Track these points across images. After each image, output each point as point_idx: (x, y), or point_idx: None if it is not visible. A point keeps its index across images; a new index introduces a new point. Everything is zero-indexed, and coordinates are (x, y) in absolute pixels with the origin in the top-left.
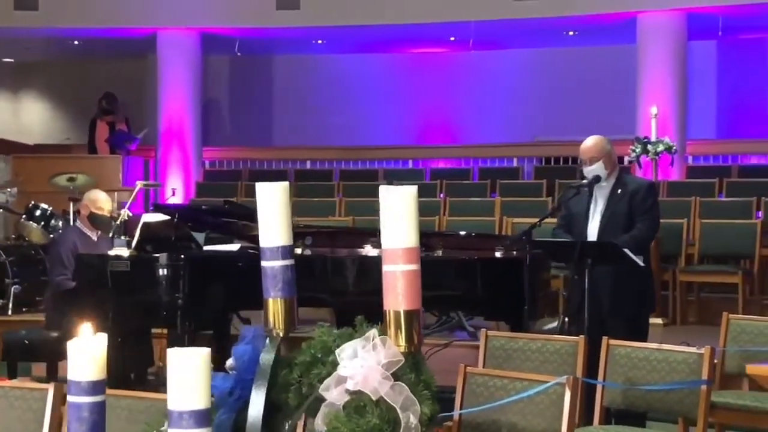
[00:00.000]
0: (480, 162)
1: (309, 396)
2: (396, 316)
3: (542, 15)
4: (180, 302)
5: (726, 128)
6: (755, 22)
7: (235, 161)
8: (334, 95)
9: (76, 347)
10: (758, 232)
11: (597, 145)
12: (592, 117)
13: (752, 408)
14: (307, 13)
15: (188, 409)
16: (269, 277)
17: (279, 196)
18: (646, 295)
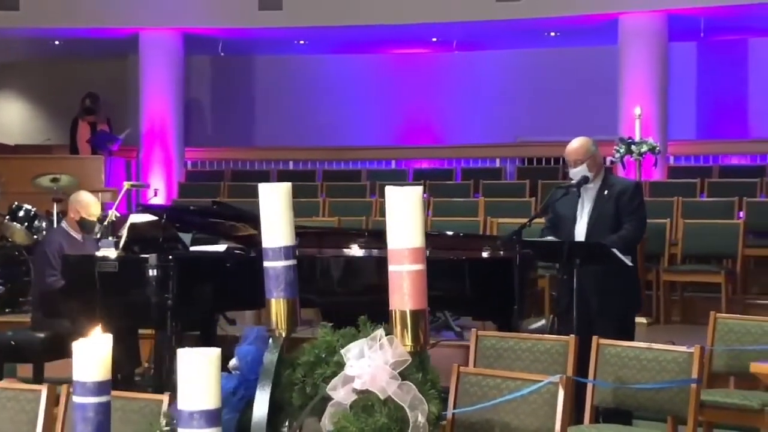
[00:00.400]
0: (463, 162)
1: (313, 396)
2: (402, 316)
3: (525, 16)
4: (169, 303)
5: (706, 129)
6: (734, 23)
7: (218, 162)
8: (316, 96)
9: (81, 348)
10: (741, 232)
11: (582, 147)
12: (573, 117)
13: (741, 406)
14: (290, 14)
15: (198, 409)
16: (272, 278)
17: (281, 197)
18: (633, 294)
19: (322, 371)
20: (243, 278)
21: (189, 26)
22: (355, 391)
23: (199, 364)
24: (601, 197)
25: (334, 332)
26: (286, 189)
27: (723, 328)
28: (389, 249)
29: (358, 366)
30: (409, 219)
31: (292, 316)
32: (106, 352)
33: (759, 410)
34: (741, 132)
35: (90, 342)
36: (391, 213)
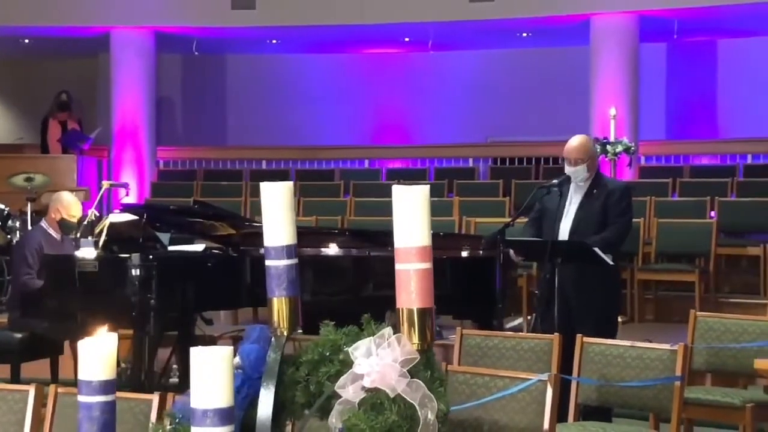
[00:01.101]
0: (436, 162)
1: (317, 394)
2: (409, 314)
3: (497, 17)
4: (153, 303)
5: (675, 129)
6: (704, 24)
7: (190, 161)
8: (288, 95)
9: (86, 347)
10: (714, 231)
11: (584, 147)
12: (545, 118)
13: (723, 403)
14: (263, 13)
15: (212, 407)
16: (274, 277)
17: (283, 196)
18: (614, 294)
19: (327, 369)
20: (224, 278)
21: (161, 25)
22: (364, 389)
23: (213, 363)
24: (590, 196)
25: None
26: (288, 188)
27: (703, 327)
28: (396, 247)
29: (366, 364)
30: (416, 217)
31: (294, 315)
32: (111, 350)
33: (740, 407)
34: (710, 132)
35: (95, 341)
36: (398, 212)
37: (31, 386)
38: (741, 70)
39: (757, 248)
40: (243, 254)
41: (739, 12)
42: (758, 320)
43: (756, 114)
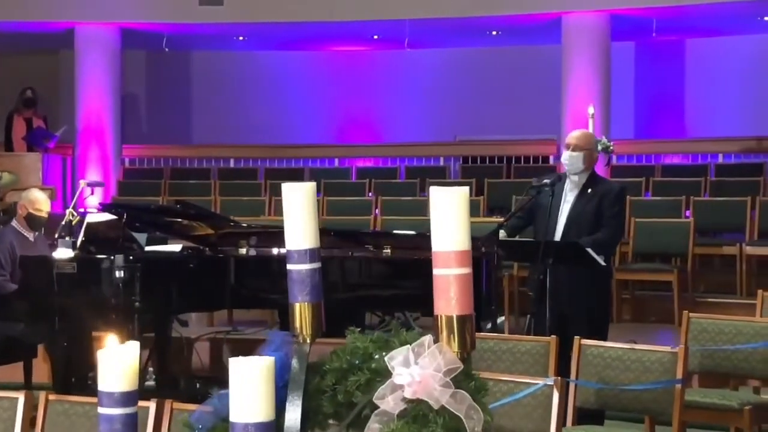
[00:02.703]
0: (407, 161)
1: (345, 403)
2: (448, 321)
3: (468, 14)
4: (137, 305)
5: (644, 128)
6: (672, 24)
7: (156, 159)
8: (256, 93)
9: (106, 357)
10: (691, 231)
11: (586, 137)
12: (514, 116)
13: (720, 406)
14: (231, 10)
15: (253, 421)
16: (296, 282)
17: (305, 198)
18: (606, 294)
19: (357, 379)
20: (207, 279)
21: (127, 21)
22: (405, 400)
23: (253, 374)
24: (584, 195)
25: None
26: (311, 189)
27: (696, 328)
28: (434, 251)
29: (407, 374)
30: (455, 220)
31: (317, 321)
32: (132, 360)
33: (738, 410)
34: (678, 131)
35: (115, 350)
36: (435, 214)
37: (21, 393)
38: (708, 70)
39: (733, 248)
40: (226, 255)
41: (707, 12)
42: (752, 321)
43: (723, 113)
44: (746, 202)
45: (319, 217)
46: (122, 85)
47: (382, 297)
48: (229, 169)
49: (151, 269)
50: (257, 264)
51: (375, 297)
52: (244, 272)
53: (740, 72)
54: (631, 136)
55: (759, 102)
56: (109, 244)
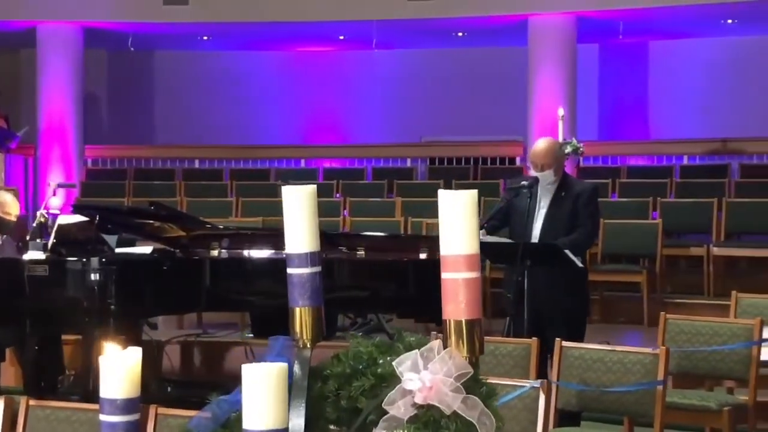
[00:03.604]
0: (373, 162)
1: (348, 408)
2: (457, 326)
3: (434, 16)
4: (113, 308)
5: (608, 130)
6: (636, 26)
7: (119, 160)
8: (220, 93)
9: (108, 363)
10: (659, 232)
11: (550, 151)
12: (480, 118)
13: (699, 407)
14: (196, 9)
15: (266, 428)
16: (296, 285)
17: (306, 201)
18: (584, 295)
19: (361, 384)
20: (183, 281)
21: (90, 20)
22: (415, 405)
23: (266, 380)
24: (557, 198)
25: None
26: (312, 192)
27: (674, 329)
28: (442, 255)
29: (418, 379)
30: (463, 224)
31: (318, 326)
32: (134, 367)
33: (717, 411)
34: (642, 133)
35: (117, 357)
36: (444, 218)
37: (1, 398)
38: (672, 72)
39: (700, 249)
40: (202, 257)
41: (671, 14)
42: (729, 323)
43: (686, 115)
44: (712, 203)
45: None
46: (84, 85)
47: (355, 299)
48: (193, 169)
49: (127, 272)
50: (233, 266)
51: (348, 299)
52: (219, 274)
53: (704, 74)
54: (595, 137)
55: (723, 104)
56: (79, 246)
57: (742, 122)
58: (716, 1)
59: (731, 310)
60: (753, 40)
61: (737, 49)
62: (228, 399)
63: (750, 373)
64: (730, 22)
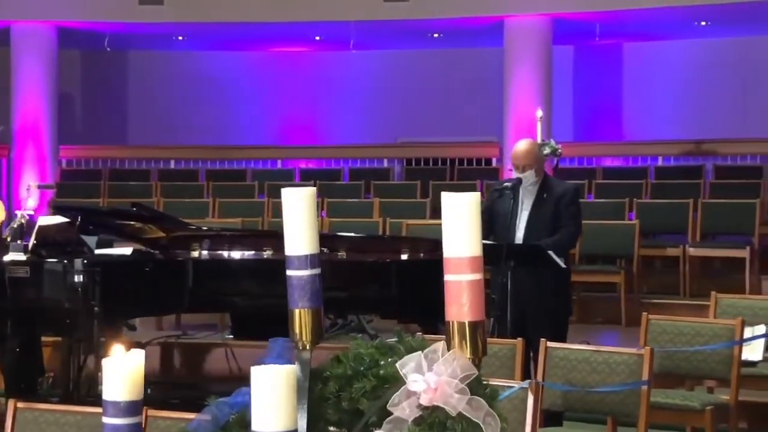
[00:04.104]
0: (350, 162)
1: (349, 410)
2: (460, 328)
3: (410, 17)
4: (96, 309)
5: (583, 131)
6: (610, 28)
7: (94, 160)
8: (196, 93)
9: (111, 366)
10: (636, 233)
11: (531, 153)
12: (455, 119)
13: (682, 406)
14: (171, 9)
15: (276, 430)
16: (296, 287)
17: (305, 202)
18: (567, 296)
19: (362, 385)
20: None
21: (64, 20)
22: (420, 407)
23: (276, 382)
24: (540, 199)
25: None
26: (311, 194)
27: (656, 329)
28: (445, 258)
29: (422, 381)
30: (466, 226)
31: (317, 327)
32: (138, 369)
33: (700, 410)
34: (616, 134)
35: (120, 359)
36: (447, 220)
37: None
38: (646, 74)
39: (676, 249)
40: (186, 258)
41: (645, 16)
42: (711, 323)
43: (660, 117)
44: (688, 204)
45: (266, 219)
46: (58, 85)
47: (336, 300)
48: (169, 170)
49: (111, 273)
50: (216, 267)
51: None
52: (203, 275)
53: (678, 76)
54: (570, 138)
55: (697, 106)
56: (59, 247)
57: (716, 124)
58: (690, 3)
59: (711, 311)
60: (726, 42)
61: (711, 50)
62: (228, 401)
63: (732, 373)
64: (703, 24)
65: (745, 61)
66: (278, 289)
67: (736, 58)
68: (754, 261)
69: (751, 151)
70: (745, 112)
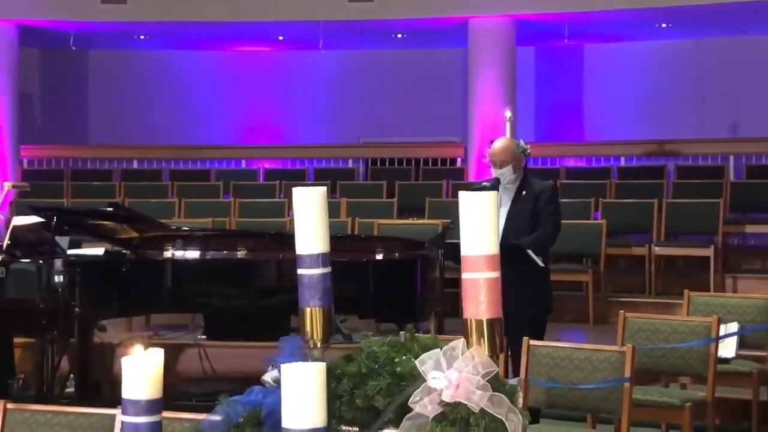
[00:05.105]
0: (315, 162)
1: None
2: (478, 325)
3: (374, 17)
4: (77, 310)
5: (545, 132)
6: (576, 29)
7: (56, 160)
8: (158, 92)
9: (131, 364)
10: (603, 232)
11: (508, 149)
12: (419, 119)
13: (661, 403)
14: (134, 8)
15: (307, 427)
16: (307, 286)
17: (316, 202)
18: (545, 296)
19: (377, 383)
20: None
21: (25, 18)
22: (442, 403)
23: (306, 379)
24: (519, 198)
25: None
26: (322, 193)
27: (633, 327)
28: (463, 256)
29: (444, 378)
30: (483, 224)
31: (328, 326)
32: (157, 367)
33: (680, 407)
34: (577, 135)
35: (140, 357)
36: (464, 218)
37: None
38: (607, 75)
39: (642, 248)
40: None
41: (608, 18)
42: (687, 321)
43: (620, 118)
44: (653, 204)
45: (233, 219)
46: (18, 84)
47: None
48: (132, 170)
49: (91, 273)
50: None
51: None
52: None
53: (638, 77)
54: (532, 139)
55: (657, 106)
56: (32, 247)
57: (676, 124)
58: (651, 5)
59: (684, 309)
60: (686, 43)
61: (671, 52)
62: (241, 399)
63: (708, 370)
64: (664, 26)
65: (703, 62)
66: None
67: (695, 59)
68: (718, 259)
69: (712, 151)
70: (703, 113)
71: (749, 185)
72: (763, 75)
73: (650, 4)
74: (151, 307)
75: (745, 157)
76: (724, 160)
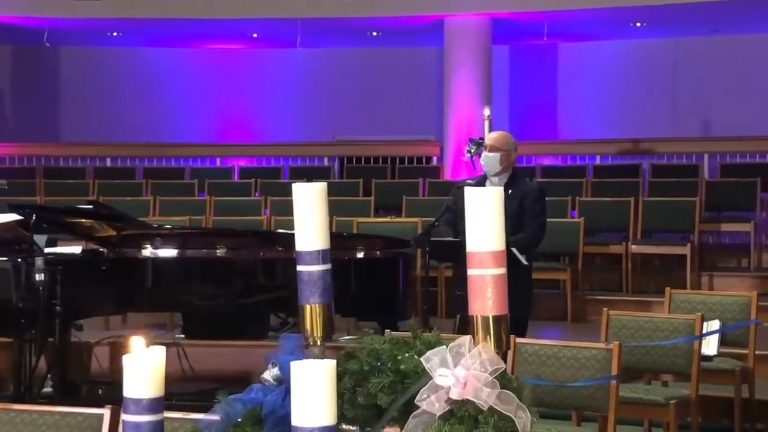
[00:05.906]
0: (290, 161)
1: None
2: (485, 322)
3: (349, 15)
4: (58, 309)
5: (519, 130)
6: (550, 28)
7: (27, 158)
8: (131, 90)
9: (132, 362)
10: (581, 231)
11: (503, 138)
12: (394, 117)
13: (646, 401)
14: (108, 5)
15: (317, 425)
16: (307, 283)
17: (316, 197)
18: (529, 293)
19: (380, 380)
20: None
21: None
22: (449, 401)
23: (316, 377)
24: (505, 196)
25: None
26: (322, 189)
27: (616, 324)
28: (469, 252)
29: (451, 375)
30: (489, 220)
31: (328, 323)
32: (159, 366)
33: (664, 404)
34: (551, 134)
35: (142, 355)
36: (471, 214)
37: None
38: (581, 74)
39: (619, 247)
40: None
41: (583, 17)
42: (670, 318)
43: (595, 116)
44: (629, 203)
45: (210, 218)
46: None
47: (288, 298)
48: (105, 168)
49: (73, 272)
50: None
51: (281, 299)
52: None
53: (613, 76)
54: None
55: (632, 105)
56: (8, 245)
57: (650, 123)
58: (625, 4)
59: (665, 306)
60: (660, 43)
61: (646, 51)
62: (240, 398)
63: (692, 368)
64: (639, 25)
65: (677, 61)
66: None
67: (669, 59)
68: (695, 258)
69: (686, 150)
70: (677, 112)
71: (724, 184)
72: (737, 74)
73: (625, 3)
74: (131, 305)
75: (720, 155)
76: (699, 159)
